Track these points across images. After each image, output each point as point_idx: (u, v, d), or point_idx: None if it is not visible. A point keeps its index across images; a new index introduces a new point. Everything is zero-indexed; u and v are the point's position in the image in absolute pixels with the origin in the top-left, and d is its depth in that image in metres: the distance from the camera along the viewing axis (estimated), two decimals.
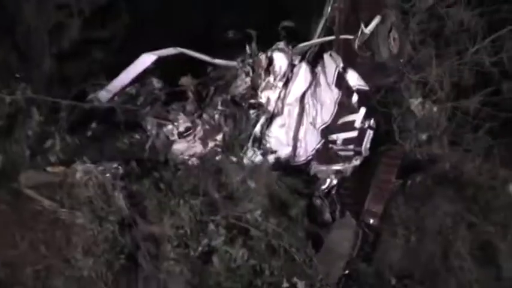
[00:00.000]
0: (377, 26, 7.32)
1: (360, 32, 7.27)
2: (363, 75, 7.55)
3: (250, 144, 7.52)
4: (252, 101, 7.78)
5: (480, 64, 7.64)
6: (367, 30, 7.24)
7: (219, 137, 7.79)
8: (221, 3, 9.58)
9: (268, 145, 7.60)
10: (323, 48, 7.93)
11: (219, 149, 7.73)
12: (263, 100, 7.72)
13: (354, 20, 7.87)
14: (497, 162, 7.48)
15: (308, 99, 7.62)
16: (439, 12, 7.77)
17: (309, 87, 7.61)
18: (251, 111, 7.69)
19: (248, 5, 9.51)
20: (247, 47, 8.07)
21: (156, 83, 8.54)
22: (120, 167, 7.28)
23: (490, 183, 7.32)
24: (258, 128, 7.61)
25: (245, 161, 7.48)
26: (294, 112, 7.62)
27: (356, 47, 7.37)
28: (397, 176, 7.42)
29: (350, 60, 7.66)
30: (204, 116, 7.98)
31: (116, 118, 8.19)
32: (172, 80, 8.57)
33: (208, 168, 7.40)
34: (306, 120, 7.60)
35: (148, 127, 8.18)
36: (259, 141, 7.59)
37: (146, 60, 8.28)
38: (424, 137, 7.63)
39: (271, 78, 7.68)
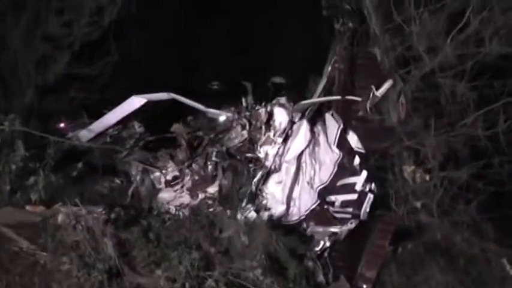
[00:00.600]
0: (388, 90, 7.32)
1: (371, 95, 7.24)
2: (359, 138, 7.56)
3: (247, 199, 7.26)
4: (249, 155, 7.56)
5: (472, 137, 7.72)
6: (379, 93, 7.22)
7: (212, 189, 7.51)
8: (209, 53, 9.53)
9: (264, 201, 7.36)
10: (321, 107, 7.85)
11: (210, 201, 7.43)
12: (261, 155, 7.51)
13: (351, 82, 7.90)
14: (486, 236, 7.52)
15: (305, 158, 7.47)
16: (434, 81, 7.86)
17: (308, 145, 7.47)
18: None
19: (234, 58, 9.48)
20: (243, 100, 7.92)
21: (138, 127, 8.25)
22: (104, 211, 6.87)
23: (483, 256, 7.32)
24: (254, 183, 7.38)
25: (238, 216, 7.21)
26: (291, 170, 7.45)
27: (368, 109, 7.31)
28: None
29: (346, 122, 7.64)
30: (194, 165, 7.71)
31: (95, 160, 7.83)
32: (153, 125, 8.32)
33: (200, 221, 7.09)
34: (302, 179, 7.43)
35: (133, 172, 7.83)
36: (254, 197, 7.34)
37: (135, 102, 8.00)
38: (418, 204, 7.61)
39: (271, 134, 7.52)
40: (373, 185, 7.21)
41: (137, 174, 7.79)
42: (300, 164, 7.45)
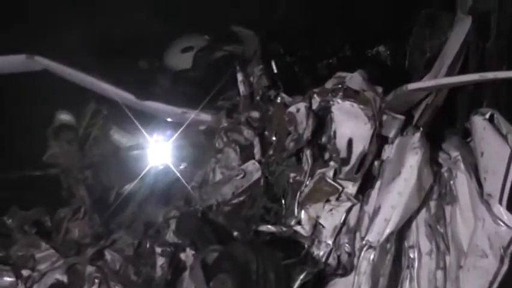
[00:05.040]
0: None
1: None
2: None
3: None
4: (271, 228, 3.04)
5: None
6: None
7: None
8: None
9: None
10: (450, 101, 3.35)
11: None
12: (303, 229, 2.98)
13: None
14: None
15: (419, 237, 2.88)
16: None
17: (425, 204, 2.90)
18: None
19: None
20: (240, 78, 3.52)
21: None
22: None
23: None
24: None
25: None
26: (380, 271, 2.84)
27: None
28: None
29: None
30: (108, 255, 3.28)
31: None
32: None
33: None
34: None
35: None
36: None
37: None
38: None
39: (327, 172, 2.99)
40: None
41: None
42: (405, 254, 2.87)
